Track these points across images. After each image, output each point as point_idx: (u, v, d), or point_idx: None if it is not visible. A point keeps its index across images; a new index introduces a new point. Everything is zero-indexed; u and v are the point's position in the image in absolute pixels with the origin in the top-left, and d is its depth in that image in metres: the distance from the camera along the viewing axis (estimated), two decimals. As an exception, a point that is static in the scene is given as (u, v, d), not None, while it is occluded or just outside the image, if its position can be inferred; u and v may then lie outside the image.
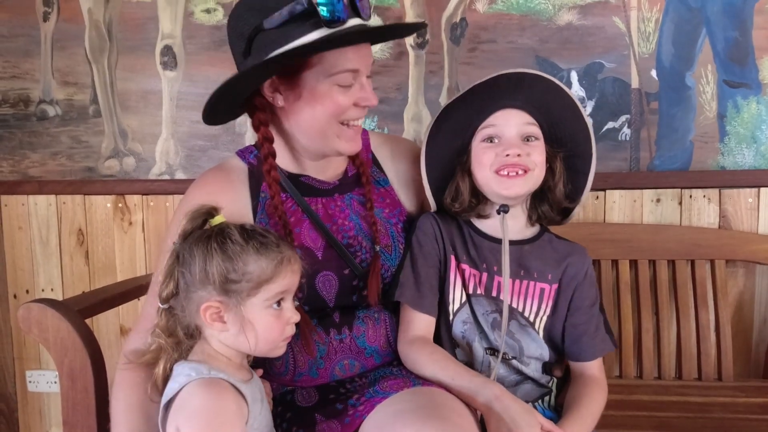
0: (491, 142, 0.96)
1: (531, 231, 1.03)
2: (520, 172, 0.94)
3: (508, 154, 0.93)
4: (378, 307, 1.00)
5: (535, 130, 0.96)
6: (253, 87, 0.93)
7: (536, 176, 0.96)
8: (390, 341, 1.00)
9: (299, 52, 0.86)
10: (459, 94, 1.03)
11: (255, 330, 0.79)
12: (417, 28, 0.95)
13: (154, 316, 0.86)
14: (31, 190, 1.72)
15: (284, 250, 0.81)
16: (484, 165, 0.96)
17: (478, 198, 1.00)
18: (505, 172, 0.94)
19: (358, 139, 0.98)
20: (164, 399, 0.79)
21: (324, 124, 0.93)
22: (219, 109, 0.95)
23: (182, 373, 0.79)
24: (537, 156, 0.95)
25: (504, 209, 0.97)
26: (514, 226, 1.00)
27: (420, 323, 0.97)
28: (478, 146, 0.97)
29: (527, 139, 0.96)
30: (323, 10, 0.84)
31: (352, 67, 0.90)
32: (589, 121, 1.00)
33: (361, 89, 0.92)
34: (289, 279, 0.81)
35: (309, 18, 0.85)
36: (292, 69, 0.90)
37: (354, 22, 0.88)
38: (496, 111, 0.96)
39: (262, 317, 0.80)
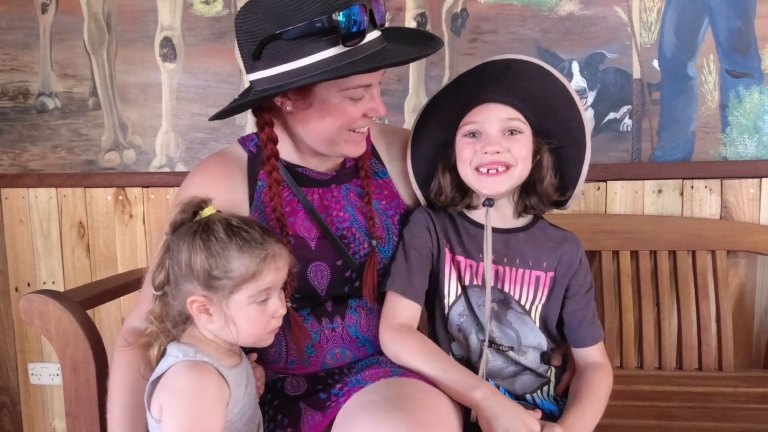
0: (473, 137, 0.95)
1: (524, 220, 1.02)
2: (501, 168, 0.93)
3: (487, 152, 0.92)
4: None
5: (519, 123, 0.94)
6: (268, 100, 0.92)
7: (519, 171, 0.94)
8: None
9: (325, 78, 0.85)
10: (444, 86, 1.02)
11: (236, 325, 0.81)
12: (435, 50, 0.94)
13: (150, 299, 0.88)
14: (32, 183, 1.72)
15: (268, 247, 0.81)
16: (465, 161, 0.95)
17: (465, 191, 0.99)
18: (485, 170, 0.93)
19: (364, 142, 0.98)
20: (153, 376, 0.82)
21: (334, 134, 0.93)
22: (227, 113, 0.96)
23: (172, 353, 0.82)
24: (519, 150, 0.94)
25: (489, 203, 0.97)
26: (504, 215, 1.00)
27: (406, 310, 0.97)
28: (460, 141, 0.97)
29: (511, 132, 0.94)
30: (343, 28, 0.82)
31: (366, 83, 0.91)
32: (582, 107, 0.97)
33: (371, 100, 0.93)
34: (272, 276, 0.82)
35: (326, 34, 0.84)
36: None
37: (372, 35, 0.87)
38: (477, 105, 0.95)
39: (245, 313, 0.81)
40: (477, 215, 1.01)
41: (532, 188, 0.98)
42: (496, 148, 0.92)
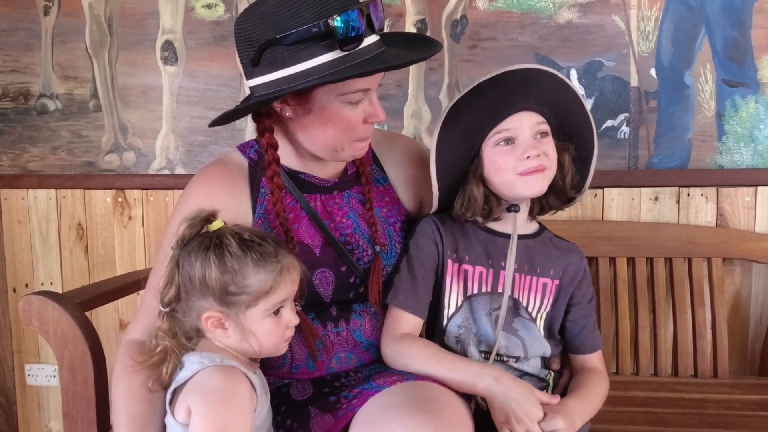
0: (507, 144, 0.95)
1: (533, 227, 1.03)
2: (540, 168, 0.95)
3: (529, 156, 0.93)
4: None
5: (546, 127, 0.97)
6: (265, 106, 0.92)
7: (552, 172, 0.97)
8: None
9: (320, 82, 0.85)
10: (465, 92, 0.98)
11: (257, 337, 0.81)
12: (432, 54, 0.94)
13: (153, 310, 0.87)
14: (31, 184, 1.72)
15: (282, 259, 0.81)
16: (504, 170, 0.95)
17: (491, 204, 0.99)
18: (527, 170, 0.94)
19: (366, 144, 0.98)
20: (174, 385, 0.80)
21: (336, 141, 0.93)
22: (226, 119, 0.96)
23: (195, 361, 0.80)
24: (552, 152, 0.96)
25: (515, 209, 0.98)
26: (521, 220, 1.01)
27: (409, 323, 0.97)
28: (493, 151, 0.96)
29: (542, 135, 0.96)
30: (340, 33, 0.82)
31: (364, 87, 0.90)
32: (590, 112, 1.00)
33: (369, 104, 0.92)
34: (288, 289, 0.81)
35: (323, 39, 0.83)
36: None
37: (370, 39, 0.87)
38: (509, 115, 0.95)
39: (261, 325, 0.81)
40: (491, 222, 1.01)
41: (551, 188, 0.99)
42: (536, 152, 0.94)
